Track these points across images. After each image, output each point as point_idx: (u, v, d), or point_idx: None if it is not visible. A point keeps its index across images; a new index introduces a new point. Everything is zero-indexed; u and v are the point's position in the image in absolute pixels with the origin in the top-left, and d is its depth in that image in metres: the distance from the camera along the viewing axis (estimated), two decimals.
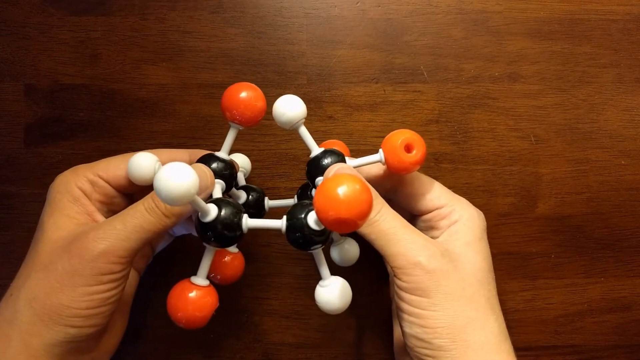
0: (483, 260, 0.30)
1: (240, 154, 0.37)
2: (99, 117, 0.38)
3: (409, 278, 0.27)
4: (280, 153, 0.38)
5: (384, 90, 0.39)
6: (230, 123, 0.30)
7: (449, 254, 0.28)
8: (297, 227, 0.26)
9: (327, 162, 0.30)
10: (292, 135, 0.38)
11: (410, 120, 0.39)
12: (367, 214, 0.22)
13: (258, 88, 0.30)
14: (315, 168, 0.30)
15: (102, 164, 0.31)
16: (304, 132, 0.31)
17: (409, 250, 0.27)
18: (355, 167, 0.30)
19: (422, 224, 0.33)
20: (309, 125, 0.38)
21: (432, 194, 0.32)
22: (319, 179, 0.30)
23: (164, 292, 0.28)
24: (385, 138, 0.30)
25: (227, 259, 0.32)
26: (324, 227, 0.24)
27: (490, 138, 0.39)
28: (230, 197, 0.33)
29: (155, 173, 0.29)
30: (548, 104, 0.39)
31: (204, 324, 0.28)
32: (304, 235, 0.26)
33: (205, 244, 0.28)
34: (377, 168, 0.32)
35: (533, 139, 0.39)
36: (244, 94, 0.29)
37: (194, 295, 0.27)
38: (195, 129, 0.38)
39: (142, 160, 0.30)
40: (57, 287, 0.26)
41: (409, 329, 0.27)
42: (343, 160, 0.30)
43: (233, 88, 0.30)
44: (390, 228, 0.28)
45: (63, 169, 0.31)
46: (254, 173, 0.38)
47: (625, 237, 0.39)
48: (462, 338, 0.26)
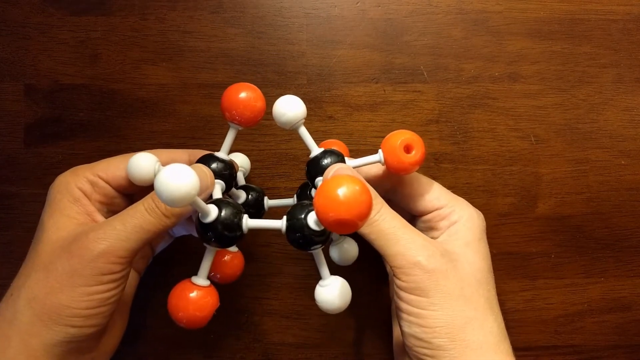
0: (482, 261, 0.30)
1: (240, 154, 0.37)
2: (99, 117, 0.38)
3: (408, 278, 0.27)
4: (280, 153, 0.38)
5: (384, 90, 0.39)
6: (230, 123, 0.30)
7: (449, 254, 0.28)
8: (297, 227, 0.26)
9: (326, 162, 0.30)
10: (292, 135, 0.38)
11: (410, 120, 0.39)
12: (367, 215, 0.22)
13: (257, 88, 0.30)
14: (315, 168, 0.30)
15: (102, 165, 0.31)
16: (304, 132, 0.31)
17: (409, 250, 0.27)
18: (355, 167, 0.30)
19: (421, 225, 0.33)
20: (309, 125, 0.38)
21: (431, 195, 0.32)
22: (319, 179, 0.30)
23: (164, 292, 0.28)
24: (385, 138, 0.30)
25: (226, 258, 0.32)
26: (324, 227, 0.24)
27: (490, 138, 0.39)
28: (230, 197, 0.33)
29: (155, 173, 0.29)
30: (548, 104, 0.39)
31: (205, 324, 0.28)
32: (304, 236, 0.26)
33: (206, 245, 0.28)
34: (376, 168, 0.32)
35: (533, 139, 0.39)
36: (244, 95, 0.29)
37: (195, 296, 0.27)
38: (195, 129, 0.38)
39: (141, 161, 0.30)
40: (57, 287, 0.26)
41: (408, 329, 0.27)
42: (342, 161, 0.30)
43: (232, 88, 0.30)
44: (390, 228, 0.28)
45: (63, 169, 0.31)
46: (254, 173, 0.38)
47: (625, 237, 0.39)
48: (461, 338, 0.26)
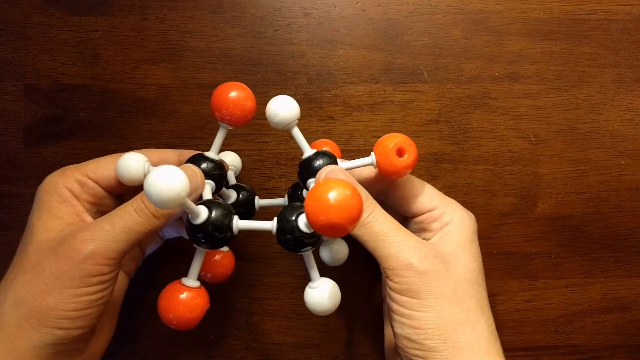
0: (474, 262, 0.30)
1: (230, 152, 0.37)
2: (99, 117, 0.38)
3: (401, 279, 0.27)
4: (280, 153, 0.38)
5: (384, 90, 0.39)
6: (220, 123, 0.30)
7: (441, 256, 0.28)
8: (287, 229, 0.26)
9: (319, 163, 0.30)
10: (292, 135, 0.38)
11: (410, 120, 0.39)
12: (357, 219, 0.22)
13: (247, 87, 0.30)
14: (307, 169, 0.30)
15: (91, 165, 0.31)
16: (297, 133, 0.30)
17: (401, 252, 0.27)
18: (347, 169, 0.30)
19: (414, 226, 0.33)
20: (309, 125, 0.38)
21: (423, 197, 0.32)
22: (311, 181, 0.30)
23: None
24: (378, 141, 0.30)
25: (217, 258, 0.32)
26: (314, 230, 0.24)
27: (490, 138, 0.39)
28: (221, 196, 0.33)
29: (145, 173, 0.29)
30: (548, 104, 0.39)
31: (195, 325, 0.28)
32: (295, 238, 0.26)
33: (196, 246, 0.28)
34: (369, 170, 0.32)
35: (533, 139, 0.39)
36: (233, 94, 0.29)
37: (185, 297, 0.27)
38: (195, 129, 0.38)
39: (130, 161, 0.30)
40: (44, 289, 0.26)
41: (400, 330, 0.28)
42: (335, 162, 0.30)
43: (222, 88, 0.29)
44: (382, 230, 0.28)
45: None
46: (254, 173, 0.38)
47: (625, 237, 0.39)
48: (452, 339, 0.26)
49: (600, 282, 0.38)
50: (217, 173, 0.30)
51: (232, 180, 0.35)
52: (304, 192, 0.32)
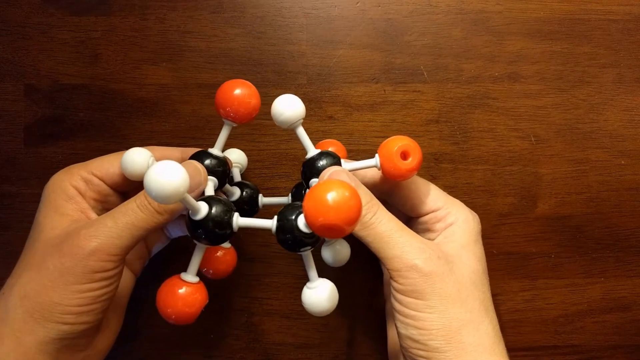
0: (478, 263, 0.30)
1: (236, 149, 0.37)
2: (99, 117, 0.38)
3: (405, 281, 0.27)
4: (280, 153, 0.38)
5: (384, 90, 0.39)
6: (224, 120, 0.30)
7: (445, 257, 0.28)
8: (287, 228, 0.26)
9: (322, 163, 0.30)
10: (292, 135, 0.38)
11: (410, 120, 0.39)
12: (355, 221, 0.22)
13: (252, 85, 0.30)
14: (310, 169, 0.30)
15: (96, 162, 0.31)
16: (302, 132, 0.30)
17: (405, 253, 0.27)
18: (351, 170, 0.30)
19: (417, 226, 0.33)
20: (309, 125, 0.38)
21: (427, 197, 0.32)
22: (313, 181, 0.30)
23: None
24: (382, 144, 0.30)
25: (219, 254, 0.33)
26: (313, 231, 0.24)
27: (490, 138, 0.39)
28: (225, 193, 0.33)
29: (149, 167, 0.29)
30: (548, 104, 0.39)
31: (193, 320, 0.28)
32: (294, 237, 0.26)
33: (196, 242, 0.28)
34: (373, 171, 0.32)
35: (533, 139, 0.39)
36: (238, 91, 0.29)
37: (184, 292, 0.27)
38: (196, 129, 0.38)
39: (135, 156, 0.30)
40: (48, 285, 0.26)
41: (404, 330, 0.28)
42: (338, 163, 0.30)
43: (227, 85, 0.29)
44: (386, 231, 0.28)
45: None
46: (254, 173, 0.38)
47: (625, 237, 0.39)
48: (457, 340, 0.26)
49: (600, 282, 0.38)
50: (220, 170, 0.30)
51: (237, 177, 0.35)
52: (306, 189, 0.32)
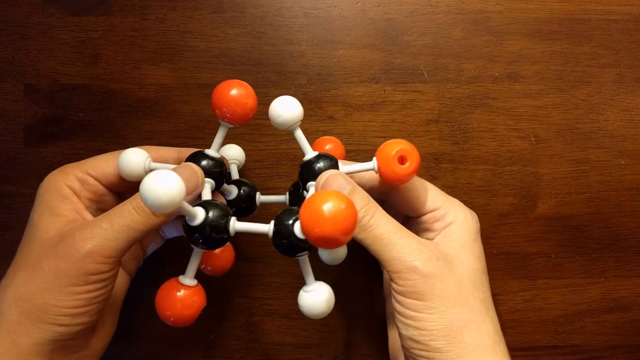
0: (477, 262, 0.30)
1: (234, 145, 0.37)
2: (99, 117, 0.38)
3: (405, 282, 0.27)
4: (280, 153, 0.38)
5: (384, 90, 0.39)
6: (220, 121, 0.30)
7: (445, 257, 0.28)
8: (283, 233, 0.26)
9: (319, 166, 0.29)
10: (292, 135, 0.38)
11: (410, 120, 0.39)
12: (351, 232, 0.22)
13: (248, 85, 0.29)
14: (308, 171, 0.30)
15: (91, 162, 0.31)
16: (300, 134, 0.30)
17: (405, 255, 0.27)
18: (348, 173, 0.30)
19: (416, 226, 0.33)
20: (309, 125, 0.38)
21: (426, 197, 0.32)
22: (310, 184, 0.30)
23: None
24: (380, 147, 0.30)
25: (217, 251, 0.33)
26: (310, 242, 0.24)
27: (490, 138, 0.39)
28: (222, 192, 0.33)
29: (146, 169, 0.29)
30: (548, 104, 0.39)
31: (192, 322, 0.28)
32: (290, 242, 0.26)
33: (193, 246, 0.28)
34: (370, 173, 0.32)
35: (533, 139, 0.39)
36: (234, 92, 0.29)
37: (182, 295, 0.27)
38: (196, 129, 0.38)
39: (132, 156, 0.30)
40: (43, 286, 0.26)
41: (405, 331, 0.28)
42: (336, 166, 0.30)
43: (223, 85, 0.29)
44: (385, 233, 0.28)
45: None
46: (254, 173, 0.38)
47: (625, 237, 0.39)
48: (458, 340, 0.26)
49: (600, 282, 0.38)
50: (217, 171, 0.30)
51: (234, 174, 0.35)
52: (305, 192, 0.32)
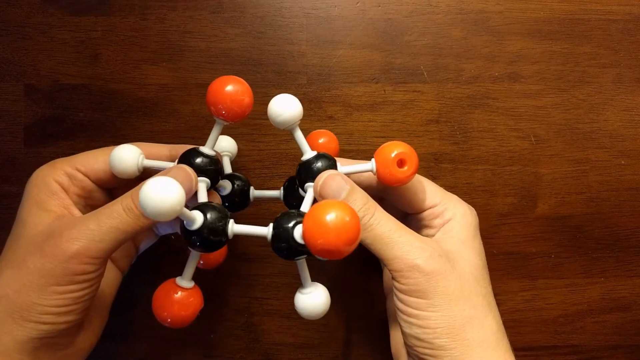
0: (477, 258, 0.30)
1: (226, 137, 0.36)
2: (99, 117, 0.38)
3: (408, 281, 0.27)
4: (280, 153, 0.38)
5: (384, 90, 0.39)
6: (216, 118, 0.29)
7: (446, 254, 0.28)
8: (282, 237, 0.26)
9: (318, 167, 0.29)
10: (292, 135, 0.38)
11: (410, 120, 0.39)
12: (354, 243, 0.22)
13: (245, 82, 0.29)
14: (306, 171, 0.29)
15: (80, 158, 0.31)
16: (299, 134, 0.30)
17: (406, 253, 0.27)
18: (346, 174, 0.30)
19: (415, 223, 0.33)
20: (309, 125, 0.38)
21: (424, 194, 0.32)
22: (309, 185, 0.29)
23: None
24: (378, 149, 0.30)
25: None
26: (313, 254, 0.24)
27: (490, 138, 0.39)
28: (216, 188, 0.32)
29: (139, 166, 0.29)
30: (548, 104, 0.39)
31: (189, 323, 0.28)
32: (289, 246, 0.26)
33: (191, 249, 0.27)
34: (369, 172, 0.32)
35: (533, 139, 0.39)
36: (230, 88, 0.28)
37: (179, 296, 0.27)
38: (195, 129, 0.38)
39: (124, 153, 0.29)
40: (28, 285, 0.26)
41: (409, 330, 0.27)
42: (334, 166, 0.30)
43: (218, 82, 0.28)
44: (385, 232, 0.28)
45: None
46: (254, 173, 0.38)
47: (625, 237, 0.39)
48: (461, 337, 0.26)
49: (600, 282, 0.38)
50: (212, 169, 0.30)
51: (227, 168, 0.35)
52: (300, 191, 0.32)
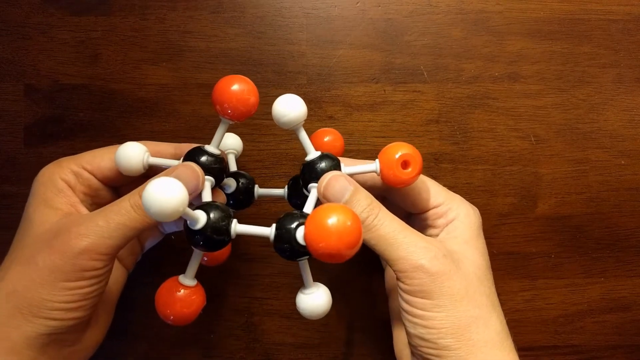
0: (481, 257, 0.30)
1: (232, 134, 0.36)
2: (99, 117, 0.38)
3: (412, 281, 0.27)
4: (280, 153, 0.38)
5: (384, 90, 0.39)
6: (221, 117, 0.29)
7: (450, 254, 0.28)
8: (285, 238, 0.26)
9: (322, 166, 0.29)
10: (292, 135, 0.38)
11: (410, 120, 0.39)
12: (355, 247, 0.23)
13: (250, 81, 0.29)
14: (310, 172, 0.29)
15: (87, 156, 0.31)
16: (303, 134, 0.30)
17: (411, 254, 0.27)
18: (350, 174, 0.30)
19: (418, 223, 0.33)
20: (309, 125, 0.38)
21: (428, 194, 0.32)
22: (312, 185, 0.29)
23: None
24: (383, 150, 0.30)
25: None
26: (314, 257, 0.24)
27: (490, 138, 0.39)
28: (221, 186, 0.33)
29: (144, 164, 0.29)
30: (548, 104, 0.39)
31: (192, 320, 0.28)
32: (292, 247, 0.26)
33: (194, 248, 0.28)
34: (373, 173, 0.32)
35: (533, 139, 0.39)
36: (236, 87, 0.28)
37: (182, 294, 0.27)
38: (196, 129, 0.38)
39: (130, 150, 0.29)
40: (37, 281, 0.26)
41: (413, 330, 0.27)
42: (338, 167, 0.30)
43: (224, 81, 0.28)
44: (390, 232, 0.28)
45: None
46: (254, 173, 0.38)
47: (625, 237, 0.39)
48: (466, 337, 0.26)
49: (600, 282, 0.38)
50: (217, 167, 0.30)
51: (232, 166, 0.35)
52: (306, 192, 0.32)
